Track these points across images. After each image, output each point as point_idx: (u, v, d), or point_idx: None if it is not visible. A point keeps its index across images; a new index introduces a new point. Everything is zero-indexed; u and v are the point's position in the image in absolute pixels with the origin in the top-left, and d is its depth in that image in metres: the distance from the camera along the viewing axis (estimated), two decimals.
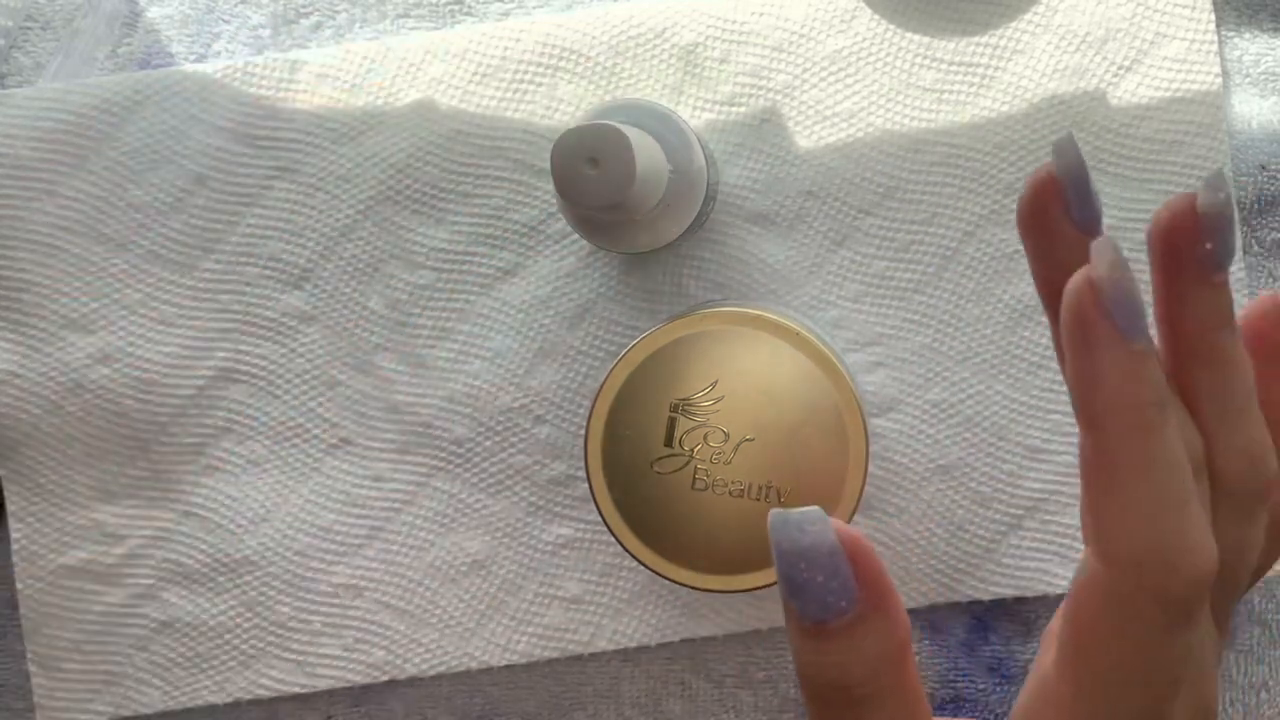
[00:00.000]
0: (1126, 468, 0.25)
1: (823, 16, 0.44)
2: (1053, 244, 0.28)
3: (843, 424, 0.34)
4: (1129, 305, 0.25)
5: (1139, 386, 0.25)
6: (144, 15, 0.46)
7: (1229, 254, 0.27)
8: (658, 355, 0.35)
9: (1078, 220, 0.28)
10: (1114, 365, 0.25)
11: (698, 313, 0.35)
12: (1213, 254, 0.26)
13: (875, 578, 0.27)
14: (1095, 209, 0.28)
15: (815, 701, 0.28)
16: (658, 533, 0.35)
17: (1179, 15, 0.43)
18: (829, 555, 0.26)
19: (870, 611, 0.26)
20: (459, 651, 0.44)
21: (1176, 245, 0.27)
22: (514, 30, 0.44)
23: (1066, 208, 0.27)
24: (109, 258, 0.45)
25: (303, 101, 0.45)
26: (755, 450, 0.34)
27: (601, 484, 0.35)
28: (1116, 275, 0.25)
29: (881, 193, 0.44)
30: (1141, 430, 0.25)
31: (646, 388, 0.35)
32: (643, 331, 0.43)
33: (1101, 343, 0.25)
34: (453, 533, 0.45)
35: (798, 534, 0.26)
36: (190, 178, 0.45)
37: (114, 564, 0.45)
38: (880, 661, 0.27)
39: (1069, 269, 0.27)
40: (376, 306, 0.45)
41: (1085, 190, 0.27)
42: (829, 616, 0.26)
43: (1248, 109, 0.44)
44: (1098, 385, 0.25)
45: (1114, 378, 0.25)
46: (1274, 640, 0.44)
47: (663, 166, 0.37)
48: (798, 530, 0.26)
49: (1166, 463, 0.25)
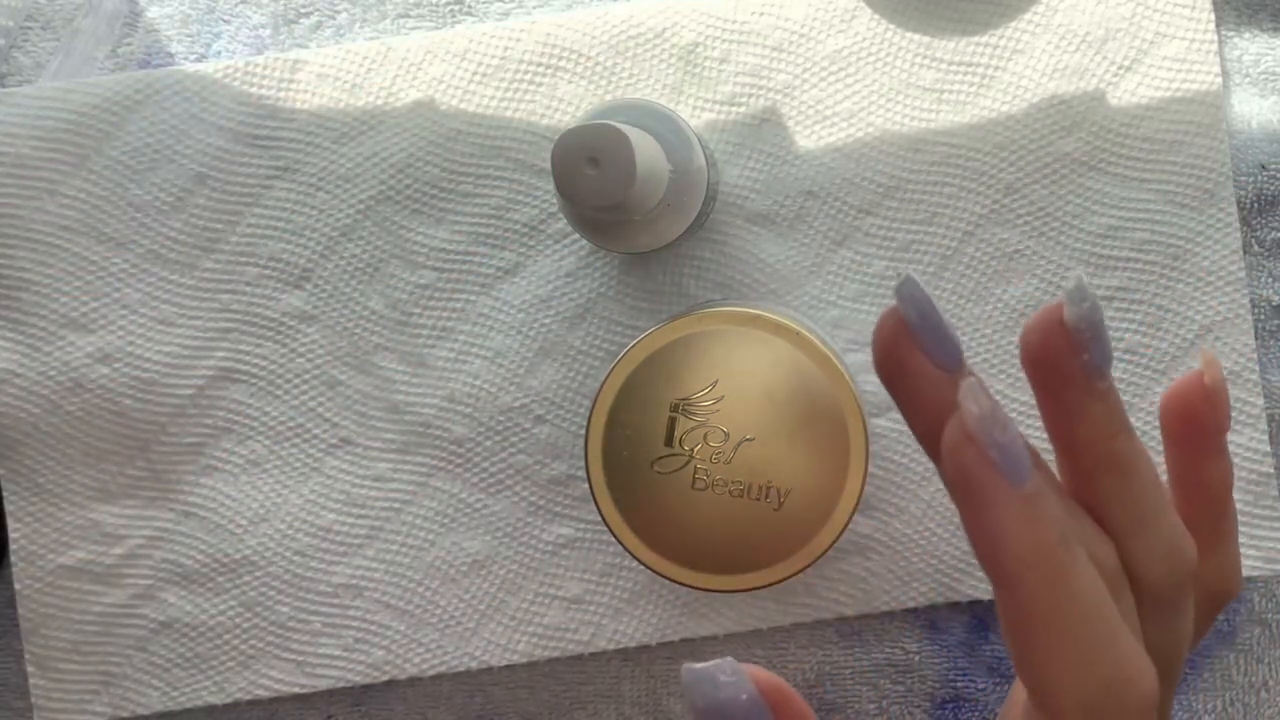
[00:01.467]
0: (1050, 619, 0.25)
1: (823, 16, 0.44)
2: (919, 388, 0.27)
3: (843, 424, 0.34)
4: (1011, 449, 0.25)
5: (1041, 532, 0.25)
6: (144, 15, 0.46)
7: (1107, 359, 0.26)
8: (658, 355, 0.35)
9: (937, 361, 0.27)
10: (1011, 519, 0.24)
11: (697, 313, 0.35)
12: (1092, 363, 0.26)
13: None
14: (954, 345, 0.27)
15: None
16: (658, 532, 0.35)
17: (1179, 15, 0.43)
18: (747, 709, 0.25)
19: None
20: (459, 651, 0.44)
21: (1054, 361, 0.26)
22: (514, 30, 0.44)
23: (923, 349, 0.27)
24: (109, 257, 0.45)
25: (303, 101, 0.45)
26: (755, 450, 0.34)
27: (601, 484, 0.35)
28: (990, 419, 0.24)
29: (881, 193, 0.44)
30: (1056, 576, 0.25)
31: (646, 388, 0.35)
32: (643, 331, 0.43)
33: (992, 498, 0.24)
34: (453, 532, 0.45)
35: (711, 689, 0.25)
36: (191, 177, 0.45)
37: (113, 564, 0.45)
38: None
39: (941, 411, 0.26)
40: (377, 306, 0.45)
41: (939, 327, 0.26)
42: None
43: (1248, 109, 0.44)
44: (1000, 543, 0.25)
45: (1014, 531, 0.24)
46: (1274, 640, 0.44)
47: (663, 166, 0.37)
48: (711, 685, 0.25)
49: (1088, 600, 0.25)
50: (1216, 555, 0.30)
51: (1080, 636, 0.25)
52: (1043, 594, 0.25)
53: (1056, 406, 0.27)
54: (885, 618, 0.44)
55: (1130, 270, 0.43)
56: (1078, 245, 0.43)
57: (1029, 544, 0.25)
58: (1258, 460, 0.43)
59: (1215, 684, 0.44)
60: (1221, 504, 0.30)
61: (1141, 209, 0.43)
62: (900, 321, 0.27)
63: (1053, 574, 0.25)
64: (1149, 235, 0.43)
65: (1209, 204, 0.43)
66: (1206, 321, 0.43)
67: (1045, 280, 0.43)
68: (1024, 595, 0.25)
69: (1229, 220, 0.43)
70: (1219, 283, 0.43)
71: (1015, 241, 0.43)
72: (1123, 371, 0.43)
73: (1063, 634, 0.25)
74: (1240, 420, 0.43)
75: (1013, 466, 0.24)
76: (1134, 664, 0.25)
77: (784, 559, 0.35)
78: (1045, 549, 0.25)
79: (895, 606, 0.43)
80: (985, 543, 0.25)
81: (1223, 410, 0.29)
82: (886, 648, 0.44)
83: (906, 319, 0.27)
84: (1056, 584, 0.25)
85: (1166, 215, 0.43)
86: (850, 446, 0.34)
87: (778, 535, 0.35)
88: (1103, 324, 0.26)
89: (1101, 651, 0.25)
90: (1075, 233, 0.43)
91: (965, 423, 0.25)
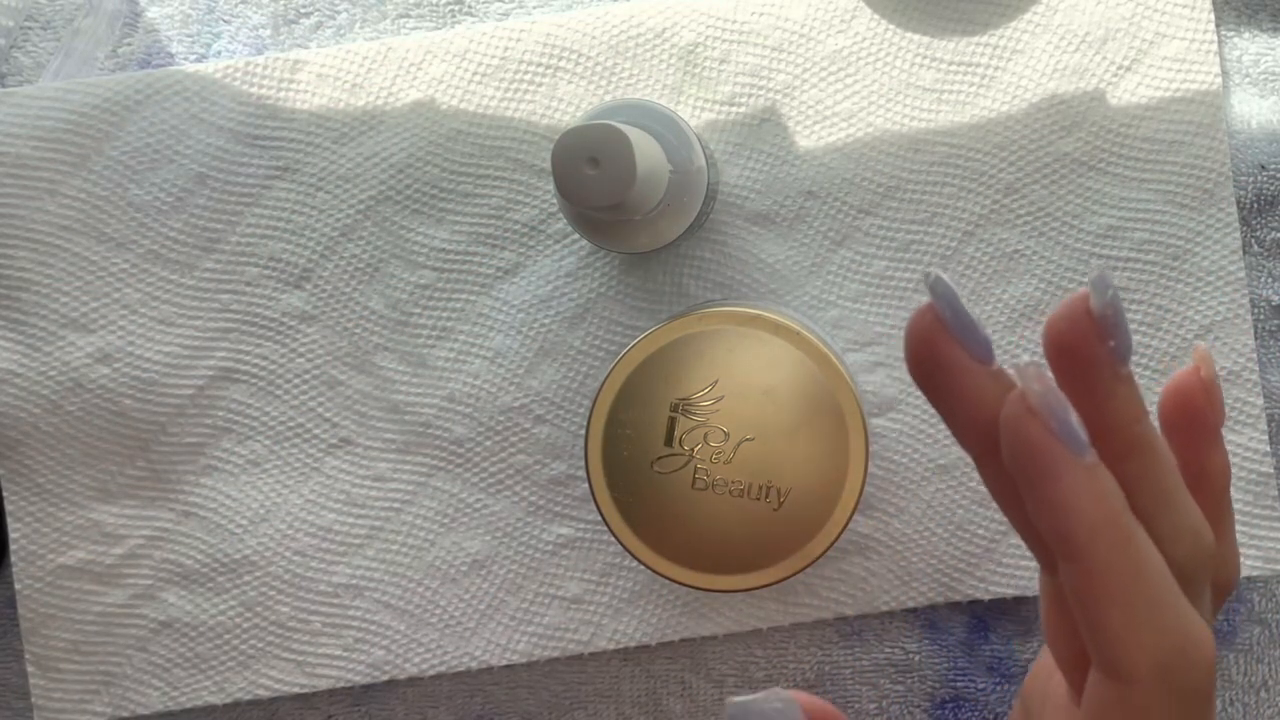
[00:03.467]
0: (1122, 585, 0.25)
1: (823, 16, 0.44)
2: (958, 380, 0.27)
3: (843, 424, 0.34)
4: (1073, 423, 0.25)
5: (1108, 500, 0.25)
6: (144, 15, 0.46)
7: (1128, 347, 0.27)
8: (658, 355, 0.35)
9: (973, 352, 0.27)
10: (1080, 488, 0.25)
11: (697, 313, 0.35)
12: (1118, 349, 0.27)
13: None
14: (985, 337, 0.27)
15: None
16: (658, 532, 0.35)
17: (1179, 15, 0.43)
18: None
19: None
20: (459, 651, 0.44)
21: (1082, 347, 0.27)
22: (514, 30, 0.44)
23: (959, 343, 0.27)
24: (109, 257, 0.45)
25: (303, 101, 0.45)
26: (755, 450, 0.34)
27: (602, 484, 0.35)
28: (1053, 394, 0.25)
29: (881, 193, 0.44)
30: (1124, 543, 0.25)
31: (646, 388, 0.35)
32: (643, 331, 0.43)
33: (1060, 469, 0.25)
34: (452, 532, 0.45)
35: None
36: (191, 177, 0.45)
37: (113, 564, 0.45)
38: None
39: (982, 401, 0.27)
40: (376, 306, 0.45)
41: (971, 322, 0.27)
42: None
43: (1247, 109, 0.44)
44: (1070, 512, 0.25)
45: (1083, 500, 0.25)
46: (1274, 640, 0.44)
47: (663, 166, 0.37)
48: (760, 717, 0.26)
49: (1155, 566, 0.26)
50: (1220, 547, 0.31)
51: (1151, 601, 0.25)
52: (1114, 561, 0.25)
53: (1084, 392, 0.27)
54: (885, 618, 0.44)
55: (1130, 270, 0.43)
56: (1078, 245, 0.43)
57: (1098, 512, 0.25)
58: (1258, 460, 0.43)
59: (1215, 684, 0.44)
60: (1222, 495, 0.31)
61: (1141, 209, 0.43)
62: (936, 317, 0.27)
63: (1121, 541, 0.25)
64: (1149, 235, 0.43)
65: (1209, 204, 0.43)
66: (1206, 321, 0.43)
67: (1045, 280, 0.43)
68: (1095, 562, 0.25)
69: (1229, 220, 0.43)
70: (1219, 283, 0.43)
71: (1015, 241, 0.43)
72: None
73: (1134, 599, 0.25)
74: (1240, 420, 0.43)
75: (1075, 439, 0.25)
76: (1199, 626, 0.26)
77: (784, 559, 0.35)
78: (1113, 516, 0.25)
79: (895, 606, 0.43)
80: (1053, 513, 0.25)
81: (1219, 403, 0.30)
82: (886, 648, 0.44)
83: (941, 315, 0.27)
84: (1126, 550, 0.25)
85: (1166, 215, 0.43)
86: (850, 446, 0.34)
87: (778, 535, 0.35)
88: (1124, 313, 0.27)
89: (1171, 616, 0.25)
90: (1075, 233, 0.43)
91: (1029, 399, 0.25)
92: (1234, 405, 0.43)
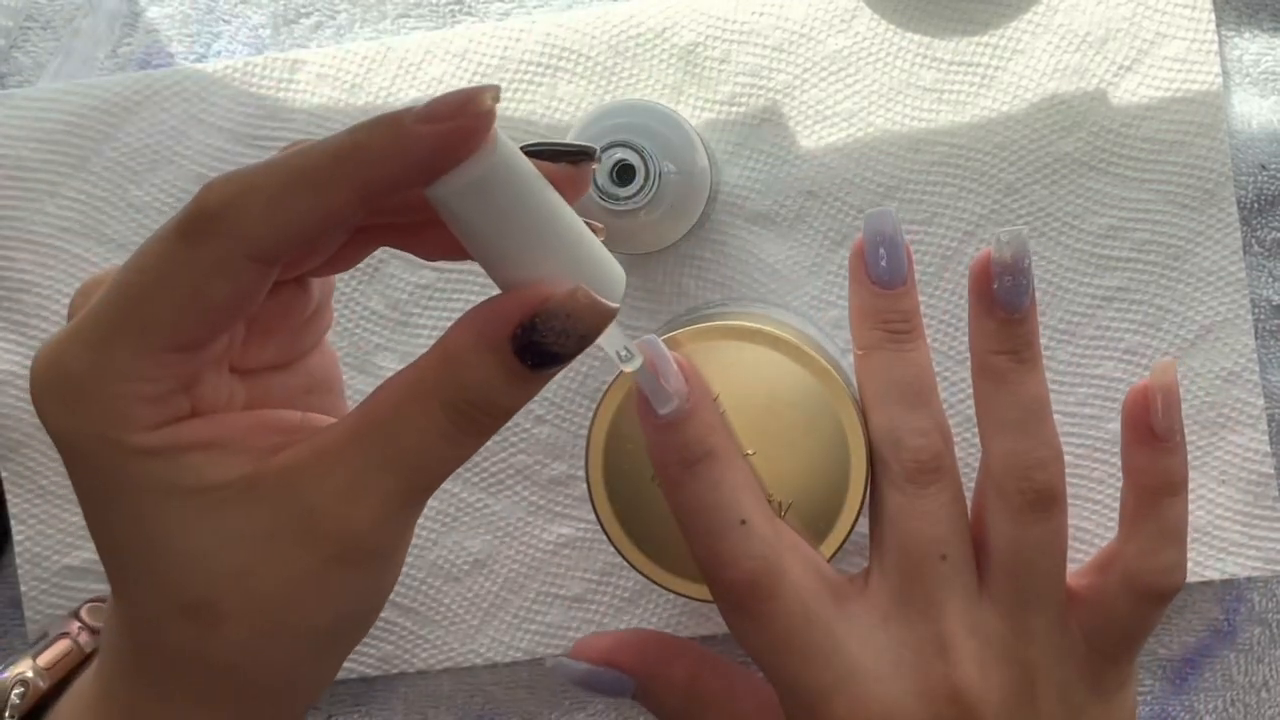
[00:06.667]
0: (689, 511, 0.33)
1: (823, 16, 0.44)
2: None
3: (843, 436, 0.34)
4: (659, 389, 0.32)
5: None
6: (144, 15, 0.46)
7: (1017, 295, 0.33)
8: None
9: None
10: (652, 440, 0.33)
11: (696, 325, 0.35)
12: (999, 291, 0.33)
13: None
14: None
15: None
16: (660, 544, 0.35)
17: (1179, 15, 0.43)
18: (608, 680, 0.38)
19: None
20: (464, 648, 0.45)
21: (978, 283, 0.34)
22: (514, 30, 0.44)
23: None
24: (110, 258, 0.45)
25: (302, 101, 0.45)
26: (756, 464, 0.34)
27: (603, 495, 0.35)
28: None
29: (881, 193, 0.44)
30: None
31: None
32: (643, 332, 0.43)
33: (645, 423, 0.33)
34: (454, 532, 0.45)
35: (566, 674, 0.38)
36: (190, 178, 0.45)
37: None
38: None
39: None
40: (377, 306, 0.45)
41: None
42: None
43: (1248, 109, 0.44)
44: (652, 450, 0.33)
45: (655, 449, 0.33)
46: (1274, 640, 0.44)
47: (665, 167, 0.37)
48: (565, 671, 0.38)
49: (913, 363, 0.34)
50: (1136, 541, 0.34)
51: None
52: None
53: (973, 316, 0.34)
54: None
55: (1130, 270, 0.43)
56: (1078, 245, 0.43)
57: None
58: (1258, 460, 0.43)
59: (1216, 684, 0.44)
60: (1148, 495, 0.34)
61: (1141, 209, 0.43)
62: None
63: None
64: (1149, 235, 0.43)
65: (1209, 204, 0.43)
66: (1206, 321, 0.43)
67: (1045, 280, 0.43)
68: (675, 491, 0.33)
69: (1229, 220, 0.43)
70: (1219, 283, 0.43)
71: None
72: (1122, 371, 0.43)
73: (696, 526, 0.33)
74: (1240, 420, 0.43)
75: (659, 395, 0.32)
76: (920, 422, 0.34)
77: None
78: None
79: None
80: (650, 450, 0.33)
81: (1164, 411, 0.34)
82: None
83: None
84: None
85: (1166, 215, 0.43)
86: (851, 459, 0.34)
87: None
88: (1023, 270, 0.33)
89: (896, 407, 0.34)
90: (1075, 233, 0.43)
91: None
92: (1234, 405, 0.43)
